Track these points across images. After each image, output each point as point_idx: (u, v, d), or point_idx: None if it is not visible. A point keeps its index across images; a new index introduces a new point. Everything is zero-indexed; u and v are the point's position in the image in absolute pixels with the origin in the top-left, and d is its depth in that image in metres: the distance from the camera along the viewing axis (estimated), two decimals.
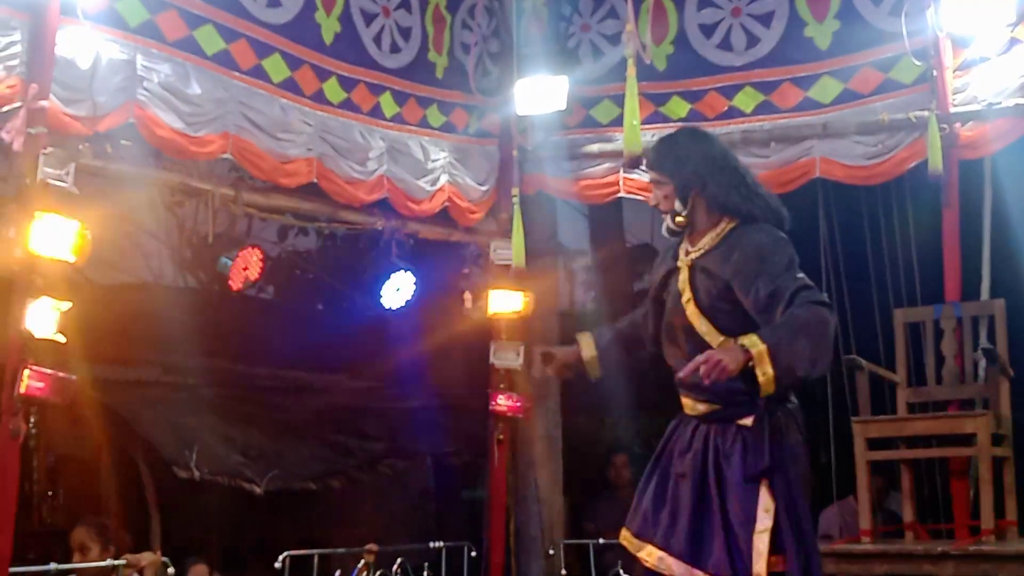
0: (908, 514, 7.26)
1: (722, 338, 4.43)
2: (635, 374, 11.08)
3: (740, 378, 4.18)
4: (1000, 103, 7.59)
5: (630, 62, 6.73)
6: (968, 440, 6.81)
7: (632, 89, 6.73)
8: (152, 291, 11.85)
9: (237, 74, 7.49)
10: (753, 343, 4.12)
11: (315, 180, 7.87)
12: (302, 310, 12.84)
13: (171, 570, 7.10)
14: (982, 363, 7.28)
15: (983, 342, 7.27)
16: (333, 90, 8.15)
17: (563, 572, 8.96)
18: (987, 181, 8.10)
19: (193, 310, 10.28)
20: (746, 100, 8.52)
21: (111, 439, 9.43)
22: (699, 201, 4.60)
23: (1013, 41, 7.58)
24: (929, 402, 7.38)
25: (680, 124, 8.44)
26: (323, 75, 8.09)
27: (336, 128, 8.10)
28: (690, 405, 4.65)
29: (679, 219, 4.64)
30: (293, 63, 7.87)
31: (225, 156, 7.44)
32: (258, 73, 7.64)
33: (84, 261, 6.44)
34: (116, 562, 6.73)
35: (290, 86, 7.84)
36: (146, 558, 7.07)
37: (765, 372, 4.10)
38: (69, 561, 6.90)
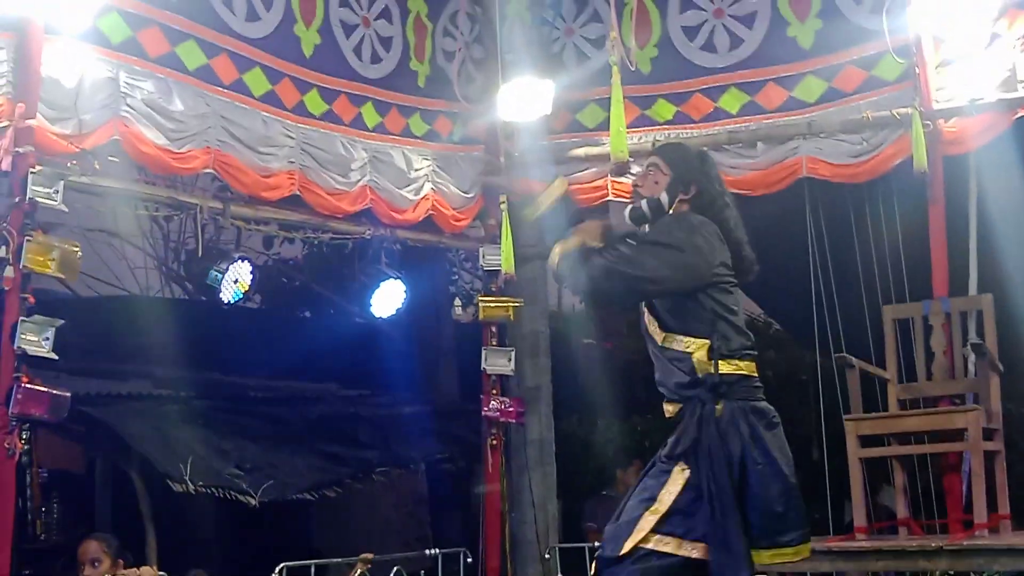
0: (902, 510, 7.27)
1: (663, 334, 4.42)
2: (625, 377, 11.24)
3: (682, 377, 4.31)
4: (982, 98, 7.60)
5: (615, 69, 6.71)
6: (959, 435, 6.83)
7: (617, 96, 6.72)
8: (140, 304, 11.84)
9: (219, 89, 7.52)
10: None
11: (298, 192, 7.90)
12: (290, 319, 12.84)
13: None
14: (971, 358, 7.27)
15: (972, 337, 7.28)
16: (314, 102, 8.16)
17: None
18: (972, 176, 8.08)
19: (181, 321, 10.27)
20: (731, 101, 8.55)
21: (103, 454, 9.41)
22: (681, 206, 4.52)
23: (994, 36, 7.59)
24: (920, 398, 7.39)
25: (667, 126, 8.52)
26: (304, 87, 8.10)
27: (318, 140, 8.12)
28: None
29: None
30: (273, 76, 7.89)
31: (208, 171, 7.46)
32: (239, 87, 7.66)
33: (75, 278, 6.46)
34: None
35: (271, 99, 7.86)
36: (145, 573, 7.03)
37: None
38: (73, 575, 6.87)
